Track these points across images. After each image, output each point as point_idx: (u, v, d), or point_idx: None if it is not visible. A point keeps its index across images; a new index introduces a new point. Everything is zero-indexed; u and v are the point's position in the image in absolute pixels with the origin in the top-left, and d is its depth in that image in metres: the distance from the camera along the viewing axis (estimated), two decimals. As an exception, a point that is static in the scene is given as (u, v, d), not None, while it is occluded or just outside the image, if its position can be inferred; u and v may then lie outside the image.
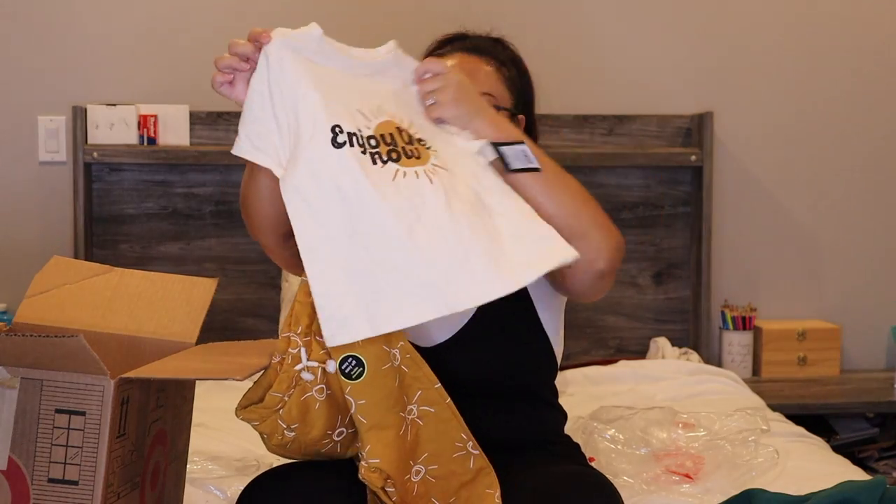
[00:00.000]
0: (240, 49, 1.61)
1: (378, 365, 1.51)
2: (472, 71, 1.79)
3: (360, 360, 1.51)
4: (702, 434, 2.26)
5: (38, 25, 3.14)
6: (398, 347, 1.53)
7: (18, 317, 1.69)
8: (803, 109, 3.37)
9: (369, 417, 1.51)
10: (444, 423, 1.56)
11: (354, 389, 1.51)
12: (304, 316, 1.52)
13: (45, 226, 3.16)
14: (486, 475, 1.58)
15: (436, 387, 1.56)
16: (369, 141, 1.52)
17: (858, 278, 3.41)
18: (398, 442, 1.53)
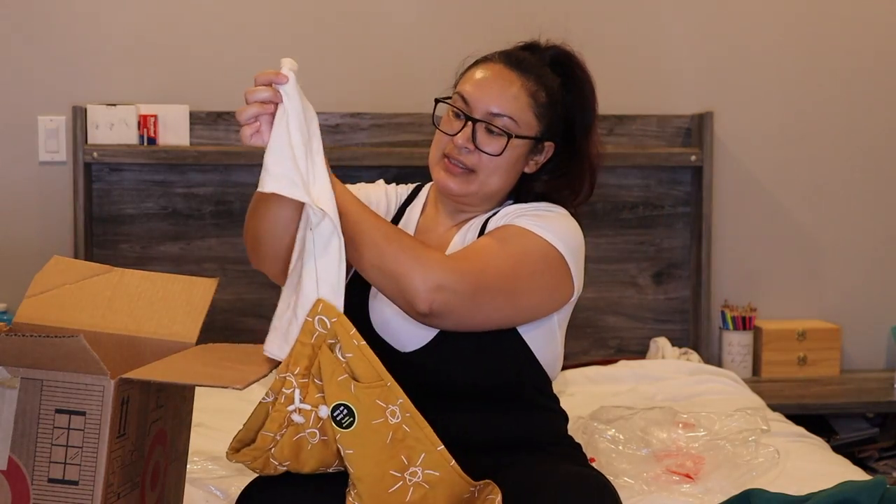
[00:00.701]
0: (259, 96, 1.65)
1: (369, 418, 1.51)
2: (503, 88, 1.78)
3: (351, 409, 1.52)
4: (702, 434, 2.26)
5: (38, 25, 3.14)
6: (397, 405, 1.53)
7: (18, 317, 1.69)
8: (803, 109, 3.37)
9: (357, 468, 1.52)
10: (452, 485, 1.56)
11: (344, 438, 1.51)
12: (304, 358, 1.52)
13: (45, 226, 3.16)
14: (491, 491, 1.58)
15: (438, 449, 1.55)
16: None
17: (858, 278, 3.41)
18: (387, 497, 1.53)
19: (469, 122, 1.77)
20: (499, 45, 1.90)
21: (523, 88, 1.79)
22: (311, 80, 3.21)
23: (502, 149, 1.76)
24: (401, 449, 1.53)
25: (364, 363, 1.52)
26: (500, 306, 1.68)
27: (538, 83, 1.81)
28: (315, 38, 3.22)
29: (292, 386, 1.51)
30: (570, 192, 1.87)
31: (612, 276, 3.28)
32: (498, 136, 1.77)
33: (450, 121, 1.81)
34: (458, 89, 1.81)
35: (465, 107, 1.78)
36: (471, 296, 1.63)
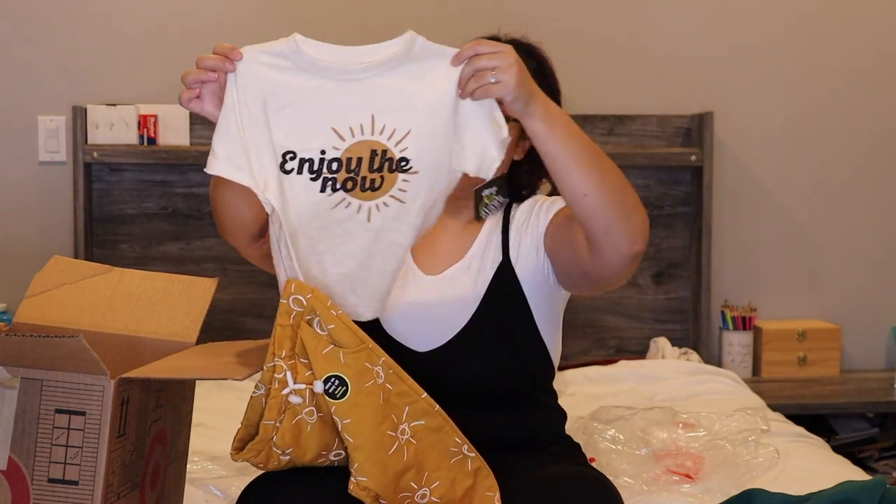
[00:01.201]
0: (207, 63, 1.63)
1: (361, 382, 1.51)
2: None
3: (342, 378, 1.51)
4: (702, 434, 2.26)
5: (38, 25, 3.14)
6: (380, 364, 1.53)
7: (18, 317, 1.69)
8: (803, 109, 3.37)
9: (355, 436, 1.51)
10: (437, 431, 1.56)
11: (339, 409, 1.51)
12: (286, 339, 1.52)
13: (45, 226, 3.16)
14: (484, 478, 1.58)
15: (423, 397, 1.55)
16: (330, 165, 1.54)
17: (858, 278, 3.41)
18: (388, 460, 1.52)
19: None
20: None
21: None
22: (311, 80, 3.22)
23: None
24: (390, 408, 1.53)
25: (345, 331, 1.51)
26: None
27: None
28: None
29: (283, 370, 1.51)
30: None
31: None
32: None
33: None
34: None
35: None
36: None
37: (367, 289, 1.58)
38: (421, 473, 1.55)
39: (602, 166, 1.58)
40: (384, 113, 1.54)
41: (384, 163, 1.53)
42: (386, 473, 1.52)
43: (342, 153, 1.53)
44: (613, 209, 1.57)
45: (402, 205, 1.54)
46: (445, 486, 1.56)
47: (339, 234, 1.56)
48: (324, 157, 1.53)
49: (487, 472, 1.58)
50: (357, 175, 1.53)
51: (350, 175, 1.53)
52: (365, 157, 1.53)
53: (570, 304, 1.91)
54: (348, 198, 1.54)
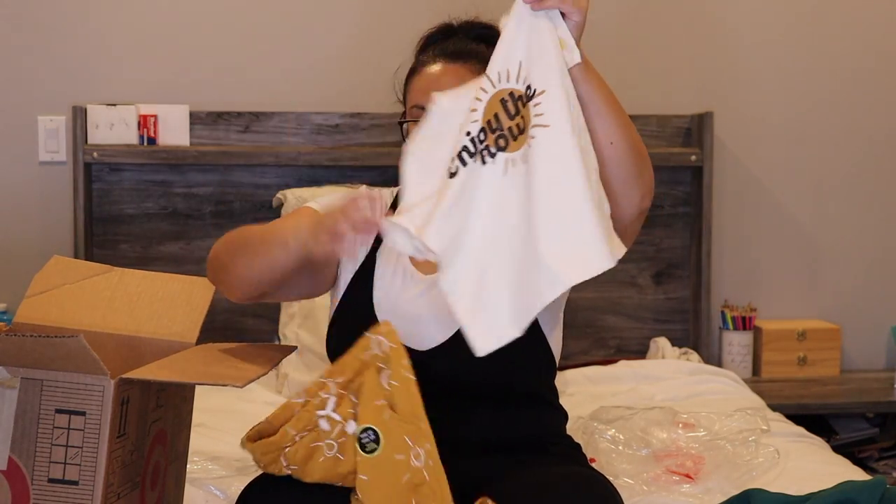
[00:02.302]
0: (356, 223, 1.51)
1: (393, 450, 1.50)
2: (455, 83, 1.74)
3: (378, 436, 1.50)
4: (702, 434, 2.26)
5: (37, 25, 3.14)
6: (424, 448, 1.50)
7: (18, 317, 1.69)
8: (803, 109, 3.37)
9: (367, 498, 1.50)
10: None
11: (363, 463, 1.50)
12: (351, 371, 1.52)
13: (45, 226, 3.16)
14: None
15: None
16: (478, 138, 1.47)
17: (858, 278, 3.41)
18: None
19: None
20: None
21: (472, 73, 1.78)
22: (312, 80, 3.22)
23: None
24: (414, 494, 1.51)
25: (406, 397, 1.50)
26: None
27: (481, 62, 1.80)
28: (315, 38, 3.22)
29: (330, 392, 1.51)
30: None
31: (611, 276, 3.25)
32: None
33: None
34: (415, 103, 1.79)
35: None
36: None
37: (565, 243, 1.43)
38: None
39: (625, 117, 1.58)
40: (494, 61, 1.49)
41: (516, 102, 1.47)
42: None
43: (481, 120, 1.48)
44: (634, 160, 1.58)
45: (547, 129, 1.44)
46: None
47: (523, 199, 1.43)
48: (471, 137, 1.48)
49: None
50: (502, 129, 1.46)
51: (497, 133, 1.46)
52: (500, 111, 1.47)
53: (570, 304, 1.91)
54: (509, 155, 1.45)
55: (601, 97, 1.55)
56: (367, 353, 1.52)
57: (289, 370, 2.83)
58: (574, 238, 1.42)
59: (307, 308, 2.93)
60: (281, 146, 3.16)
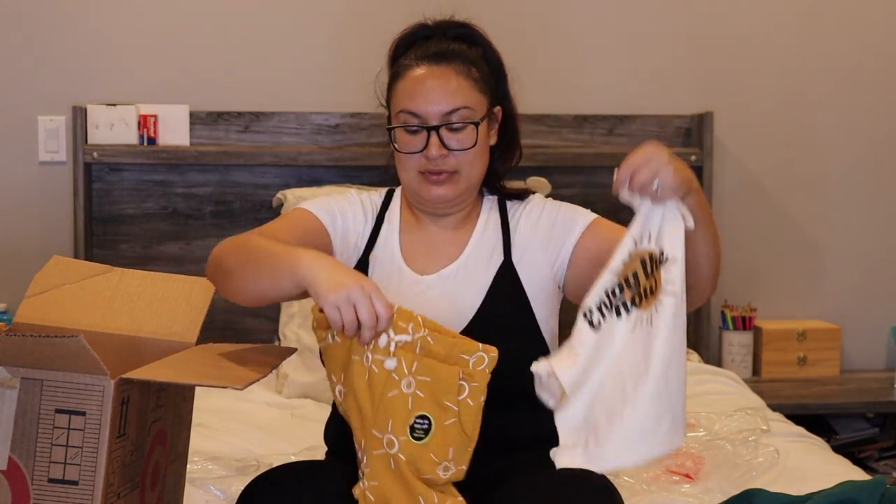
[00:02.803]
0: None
1: (431, 449, 1.55)
2: (443, 85, 1.77)
3: (430, 428, 1.55)
4: (702, 434, 2.27)
5: (38, 25, 3.14)
6: (458, 468, 1.56)
7: (18, 317, 1.69)
8: (803, 109, 3.37)
9: (404, 468, 1.54)
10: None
11: (408, 445, 1.54)
12: (441, 346, 1.55)
13: (45, 226, 3.16)
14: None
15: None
16: (616, 292, 1.55)
17: (858, 278, 3.41)
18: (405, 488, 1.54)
19: (430, 131, 1.76)
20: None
21: (459, 75, 1.79)
22: (312, 80, 3.22)
23: (474, 139, 1.77)
24: (426, 492, 1.55)
25: (473, 419, 1.56)
26: None
27: (465, 63, 1.81)
28: (315, 38, 3.22)
29: (409, 333, 1.54)
30: (518, 153, 1.92)
31: (612, 276, 3.28)
32: (463, 131, 1.77)
33: (409, 140, 1.79)
34: (402, 108, 1.79)
35: (419, 120, 1.77)
36: None
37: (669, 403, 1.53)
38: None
39: (717, 239, 1.65)
40: (635, 224, 1.57)
41: (653, 264, 1.55)
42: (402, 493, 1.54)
43: (620, 276, 1.55)
44: (715, 259, 1.64)
45: (675, 298, 1.53)
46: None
47: (640, 358, 1.52)
48: (609, 291, 1.56)
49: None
50: (639, 287, 1.54)
51: (634, 291, 1.54)
52: (639, 270, 1.54)
53: (570, 304, 1.91)
54: (640, 313, 1.54)
55: (706, 216, 1.60)
56: (464, 354, 1.55)
57: (289, 371, 2.83)
58: (664, 413, 1.51)
59: (307, 308, 2.93)
60: (281, 146, 3.16)
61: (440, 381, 1.54)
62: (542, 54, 3.23)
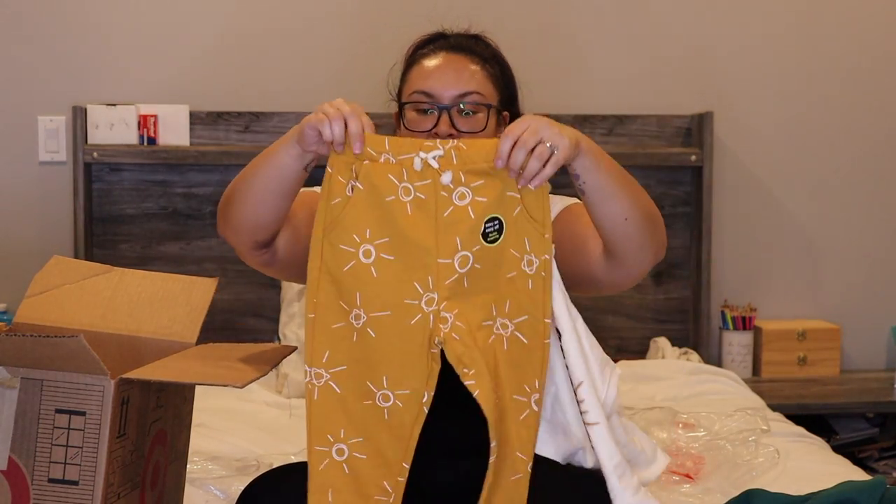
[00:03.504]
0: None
1: (509, 245, 1.52)
2: (458, 70, 1.78)
3: (503, 227, 1.52)
4: (702, 434, 2.27)
5: (37, 25, 3.14)
6: (541, 258, 1.53)
7: (18, 317, 1.69)
8: (803, 109, 3.37)
9: (473, 282, 1.53)
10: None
11: (482, 250, 1.52)
12: (481, 149, 1.52)
13: (45, 226, 3.16)
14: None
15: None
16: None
17: (858, 278, 3.41)
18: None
19: (442, 111, 1.76)
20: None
21: (476, 64, 1.80)
22: (312, 80, 3.22)
23: (484, 123, 1.77)
24: (511, 290, 1.53)
25: (539, 203, 1.53)
26: None
27: (482, 58, 1.82)
28: (315, 39, 3.22)
29: (444, 145, 1.51)
30: None
31: (612, 276, 3.28)
32: (474, 116, 1.77)
33: (419, 120, 1.78)
34: (416, 89, 1.79)
35: (432, 100, 1.77)
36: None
37: None
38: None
39: (634, 187, 1.62)
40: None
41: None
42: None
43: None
44: (646, 227, 1.61)
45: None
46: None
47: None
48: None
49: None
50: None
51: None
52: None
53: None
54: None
55: (612, 183, 1.58)
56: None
57: (289, 370, 2.83)
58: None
59: (307, 308, 2.92)
60: (281, 146, 3.16)
61: (493, 178, 1.51)
62: (542, 54, 3.23)
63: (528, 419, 1.52)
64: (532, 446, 1.52)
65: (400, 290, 1.51)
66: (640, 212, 1.60)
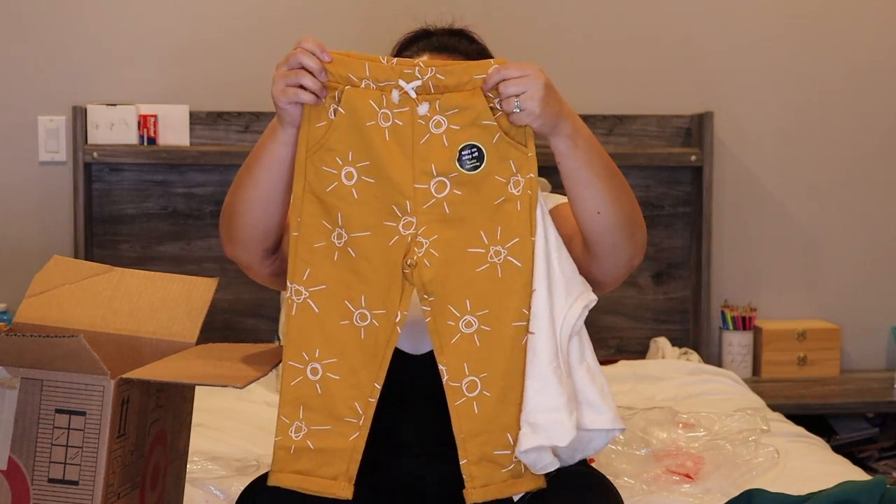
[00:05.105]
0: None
1: (493, 172, 1.52)
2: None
3: (482, 154, 1.53)
4: (702, 434, 2.27)
5: (37, 25, 3.14)
6: (526, 178, 1.54)
7: (18, 317, 1.69)
8: (803, 109, 3.37)
9: (456, 211, 1.53)
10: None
11: (459, 178, 1.52)
12: (459, 73, 1.52)
13: (45, 226, 3.16)
14: None
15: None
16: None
17: (858, 278, 3.41)
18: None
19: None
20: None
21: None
22: (311, 80, 3.22)
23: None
24: (500, 216, 1.54)
25: (515, 127, 1.53)
26: None
27: (466, 56, 1.81)
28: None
29: (424, 75, 1.51)
30: None
31: (612, 276, 3.28)
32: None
33: None
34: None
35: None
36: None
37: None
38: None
39: (617, 186, 1.61)
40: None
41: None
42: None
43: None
44: (622, 228, 1.60)
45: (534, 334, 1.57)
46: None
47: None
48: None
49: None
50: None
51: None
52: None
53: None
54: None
55: (589, 174, 1.57)
56: (478, 75, 1.52)
57: (289, 370, 2.82)
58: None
59: (307, 308, 2.92)
60: (281, 146, 3.16)
61: (470, 107, 1.52)
62: (542, 54, 3.23)
63: (526, 345, 1.53)
64: (523, 369, 1.53)
65: (379, 211, 1.53)
66: (617, 211, 1.59)
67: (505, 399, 1.52)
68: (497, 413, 1.52)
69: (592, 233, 1.60)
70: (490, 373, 1.53)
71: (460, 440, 1.52)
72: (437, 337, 1.53)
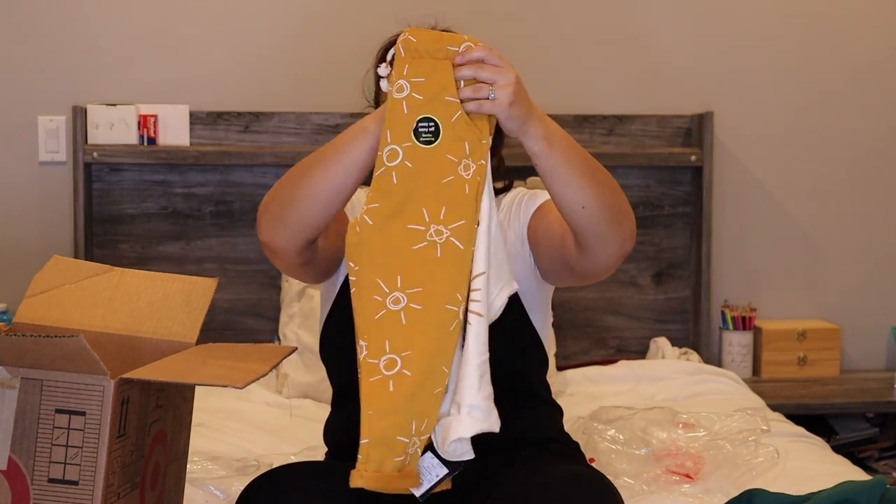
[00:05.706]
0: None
1: (446, 150, 1.52)
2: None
3: (438, 130, 1.52)
4: (702, 434, 2.26)
5: (37, 25, 3.14)
6: (477, 163, 1.52)
7: (18, 317, 1.69)
8: (803, 109, 3.37)
9: (406, 181, 1.52)
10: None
11: (412, 150, 1.51)
12: (429, 41, 1.53)
13: (45, 226, 3.16)
14: None
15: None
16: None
17: (858, 278, 3.41)
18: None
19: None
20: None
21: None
22: (312, 80, 3.22)
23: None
24: (448, 195, 1.52)
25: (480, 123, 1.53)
26: None
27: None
28: (315, 38, 3.22)
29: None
30: (502, 159, 1.95)
31: (611, 276, 3.26)
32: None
33: None
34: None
35: None
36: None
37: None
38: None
39: (598, 178, 1.61)
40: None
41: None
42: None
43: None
44: (608, 218, 1.61)
45: (478, 318, 1.56)
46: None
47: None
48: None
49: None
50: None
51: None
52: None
53: (570, 304, 1.92)
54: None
55: (568, 170, 1.58)
56: (451, 46, 1.52)
57: (289, 370, 2.83)
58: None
59: (307, 308, 2.93)
60: (281, 146, 3.16)
61: (435, 78, 1.51)
62: (542, 54, 3.23)
63: (456, 330, 1.49)
64: (452, 357, 1.49)
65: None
66: (600, 202, 1.59)
67: (426, 382, 1.47)
68: (414, 395, 1.46)
69: (579, 226, 1.61)
70: (413, 352, 1.47)
71: (367, 416, 1.45)
72: (359, 311, 1.49)
